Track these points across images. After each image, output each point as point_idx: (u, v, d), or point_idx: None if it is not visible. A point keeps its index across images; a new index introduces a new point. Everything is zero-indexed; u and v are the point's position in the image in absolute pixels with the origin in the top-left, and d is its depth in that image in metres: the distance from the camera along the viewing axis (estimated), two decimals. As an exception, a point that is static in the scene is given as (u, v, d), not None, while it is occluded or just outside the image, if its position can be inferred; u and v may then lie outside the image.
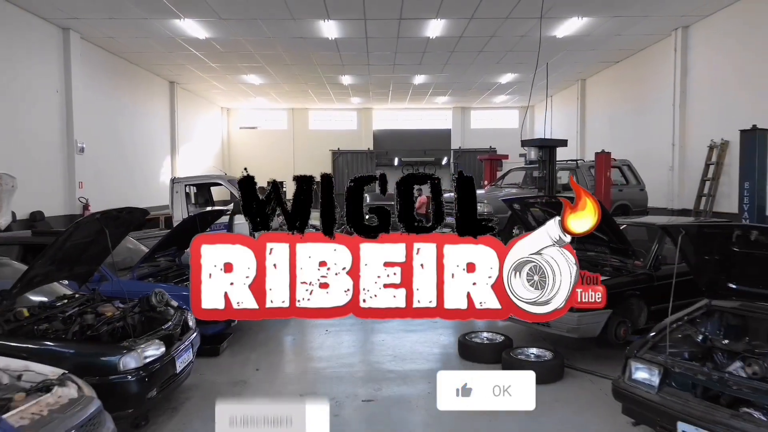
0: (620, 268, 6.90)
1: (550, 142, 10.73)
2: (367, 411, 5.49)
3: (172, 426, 5.11)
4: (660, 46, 14.61)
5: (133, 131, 17.19)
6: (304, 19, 12.58)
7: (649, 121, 15.43)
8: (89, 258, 5.76)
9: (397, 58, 16.49)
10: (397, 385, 6.10)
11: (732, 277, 4.92)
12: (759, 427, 3.76)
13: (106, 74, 15.46)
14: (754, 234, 4.34)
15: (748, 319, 4.86)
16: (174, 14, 12.04)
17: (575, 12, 12.16)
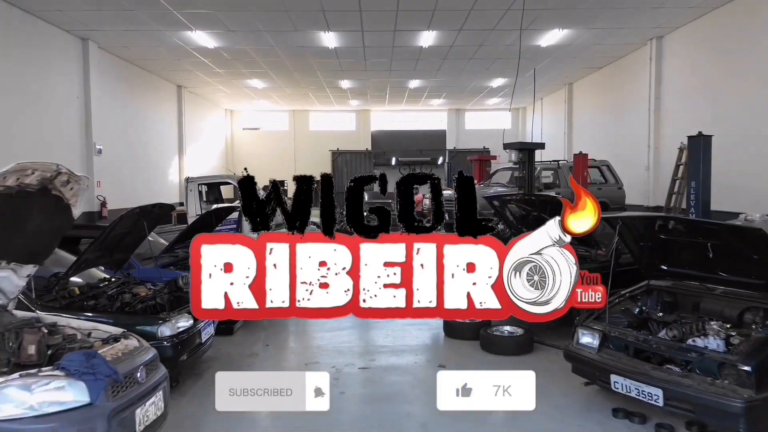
0: (585, 257, 7.88)
1: (528, 145, 11.73)
2: (363, 376, 6.49)
3: (196, 389, 6.04)
4: (638, 54, 15.62)
5: (145, 133, 18.21)
6: (306, 30, 13.58)
7: (628, 124, 16.44)
8: (125, 246, 6.76)
9: (393, 65, 17.47)
10: (388, 357, 7.08)
11: (664, 260, 5.92)
12: (670, 375, 4.76)
13: (120, 80, 16.45)
14: (671, 224, 5.34)
15: (678, 295, 5.83)
16: (186, 27, 13.04)
17: (556, 25, 13.16)
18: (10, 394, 3.11)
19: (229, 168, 23.76)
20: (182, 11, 11.91)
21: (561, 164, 14.26)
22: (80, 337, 4.29)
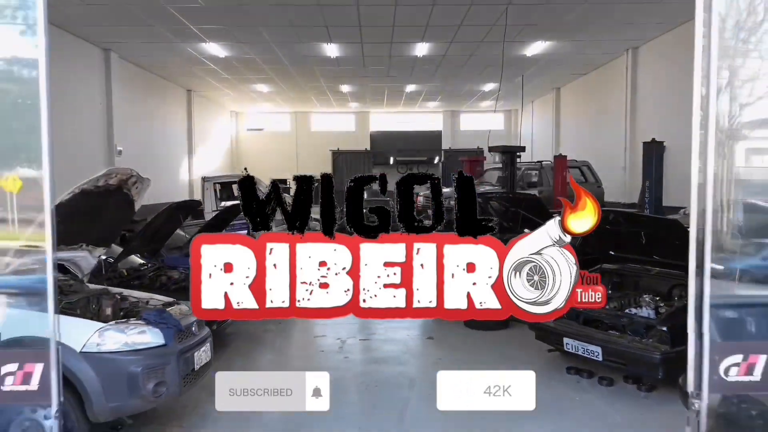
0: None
1: (510, 148, 12.89)
2: (363, 345, 7.74)
3: (225, 357, 7.11)
4: (616, 63, 16.84)
5: (158, 135, 19.45)
6: (309, 42, 14.79)
7: (608, 127, 17.66)
8: (160, 237, 7.99)
9: (390, 71, 18.68)
10: (385, 332, 8.30)
11: (612, 247, 7.14)
12: (608, 336, 5.97)
13: (136, 86, 17.66)
14: (611, 216, 6.56)
15: (624, 276, 7.06)
16: (201, 39, 14.25)
17: (539, 37, 14.37)
18: (109, 335, 4.33)
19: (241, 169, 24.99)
20: (198, 26, 13.12)
21: (544, 164, 15.49)
22: (141, 304, 5.51)
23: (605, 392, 5.97)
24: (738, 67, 2.89)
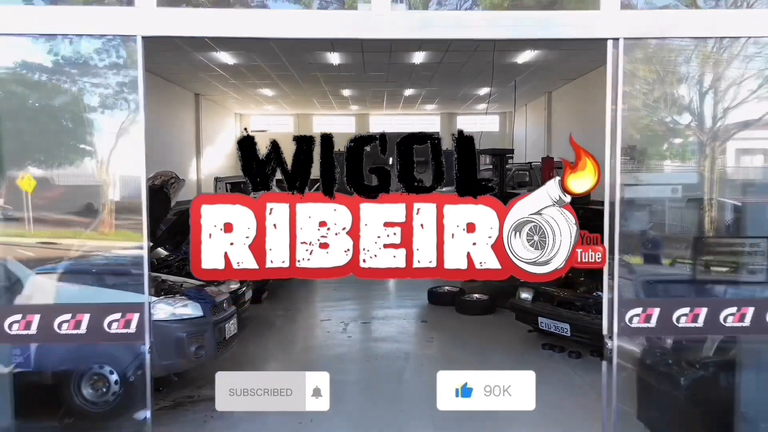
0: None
1: (499, 151, 13.86)
2: (364, 327, 8.75)
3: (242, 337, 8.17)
4: (600, 71, 17.76)
5: (171, 137, 20.45)
6: (314, 52, 15.80)
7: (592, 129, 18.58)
8: (182, 231, 8.97)
9: (389, 77, 19.68)
10: (384, 317, 9.30)
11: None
12: (575, 314, 6.97)
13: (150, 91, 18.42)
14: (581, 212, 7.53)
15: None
16: (213, 49, 15.23)
17: (527, 47, 15.37)
18: (160, 307, 5.32)
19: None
20: (212, 38, 14.08)
21: (533, 165, 16.46)
22: (176, 286, 6.51)
23: (573, 363, 6.97)
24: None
